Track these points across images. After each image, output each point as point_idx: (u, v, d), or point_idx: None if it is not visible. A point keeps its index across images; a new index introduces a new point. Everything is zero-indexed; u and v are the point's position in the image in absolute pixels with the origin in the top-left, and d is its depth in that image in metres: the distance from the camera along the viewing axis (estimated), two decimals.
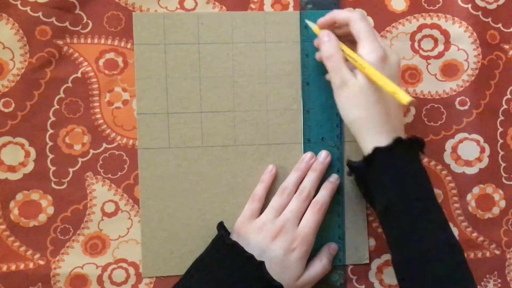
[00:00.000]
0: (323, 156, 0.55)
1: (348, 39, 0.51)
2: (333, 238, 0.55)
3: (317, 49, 0.54)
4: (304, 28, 0.55)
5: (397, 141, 0.47)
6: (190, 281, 0.50)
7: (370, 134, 0.48)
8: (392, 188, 0.47)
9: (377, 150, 0.47)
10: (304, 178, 0.54)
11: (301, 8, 0.56)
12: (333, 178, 0.55)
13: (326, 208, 0.53)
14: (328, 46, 0.50)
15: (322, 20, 0.52)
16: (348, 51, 0.50)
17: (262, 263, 0.48)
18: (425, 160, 0.57)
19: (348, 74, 0.49)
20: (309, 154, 0.55)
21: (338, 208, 0.55)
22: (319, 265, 0.53)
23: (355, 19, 0.49)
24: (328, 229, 0.55)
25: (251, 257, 0.48)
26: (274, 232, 0.51)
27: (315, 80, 0.55)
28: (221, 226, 0.53)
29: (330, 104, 0.55)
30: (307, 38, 0.55)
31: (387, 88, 0.46)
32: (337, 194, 0.55)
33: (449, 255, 0.46)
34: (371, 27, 0.49)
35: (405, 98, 0.45)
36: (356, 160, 0.50)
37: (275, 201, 0.53)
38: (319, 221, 0.52)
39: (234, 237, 0.52)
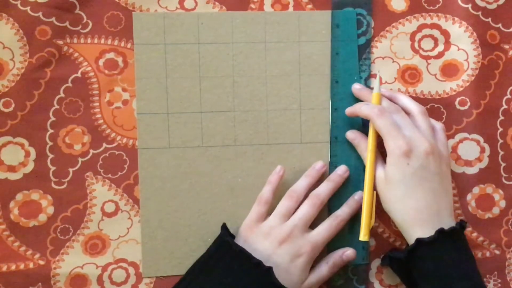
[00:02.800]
0: (342, 170, 0.54)
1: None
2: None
3: (344, 48, 0.56)
4: (336, 27, 0.55)
5: (440, 232, 0.48)
6: (193, 283, 0.50)
7: (409, 226, 0.49)
8: (435, 279, 0.48)
9: (419, 243, 0.48)
10: (313, 184, 0.54)
11: (334, 7, 0.56)
12: (358, 196, 0.54)
13: (344, 224, 0.53)
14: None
15: (347, 111, 0.54)
16: (371, 149, 0.52)
17: (270, 269, 0.47)
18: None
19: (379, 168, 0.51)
20: (320, 162, 0.54)
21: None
22: (325, 268, 0.52)
23: (374, 118, 0.51)
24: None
25: (259, 263, 0.47)
26: (282, 238, 0.50)
27: (344, 79, 0.55)
28: (225, 229, 0.52)
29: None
30: (337, 37, 0.55)
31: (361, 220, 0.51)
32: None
33: None
34: (392, 122, 0.50)
35: (361, 236, 0.51)
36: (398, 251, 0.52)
37: (282, 205, 0.52)
38: (333, 235, 0.52)
39: (240, 240, 0.51)
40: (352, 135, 0.54)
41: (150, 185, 0.54)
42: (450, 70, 0.57)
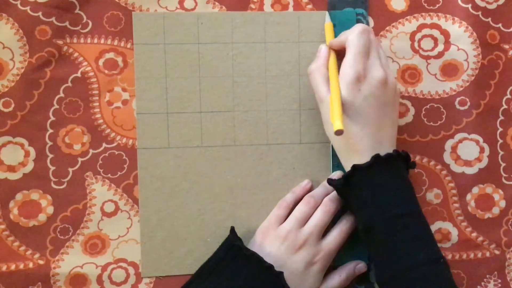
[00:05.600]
0: None
1: None
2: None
3: None
4: (335, 27, 0.55)
5: (376, 158, 0.47)
6: (201, 286, 0.50)
7: (349, 152, 0.49)
8: (371, 206, 0.47)
9: (355, 169, 0.48)
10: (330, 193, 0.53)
11: (329, 8, 0.56)
12: None
13: (353, 227, 0.53)
14: (313, 62, 0.51)
15: (331, 44, 0.53)
16: (332, 69, 0.50)
17: (281, 274, 0.47)
18: (424, 160, 0.57)
19: (325, 92, 0.49)
20: (339, 173, 0.54)
21: None
22: (337, 280, 0.52)
23: (353, 30, 0.49)
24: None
25: (270, 267, 0.48)
26: (298, 245, 0.50)
27: None
28: (233, 233, 0.52)
29: None
30: (334, 37, 0.55)
31: (331, 111, 0.47)
32: None
33: (431, 271, 0.46)
34: (366, 44, 0.49)
35: (336, 126, 0.45)
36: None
37: (299, 211, 0.52)
38: (344, 239, 0.52)
39: (256, 243, 0.52)
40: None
41: (149, 185, 0.54)
42: (450, 70, 0.57)
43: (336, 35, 0.54)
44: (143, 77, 0.54)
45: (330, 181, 0.51)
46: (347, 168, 0.49)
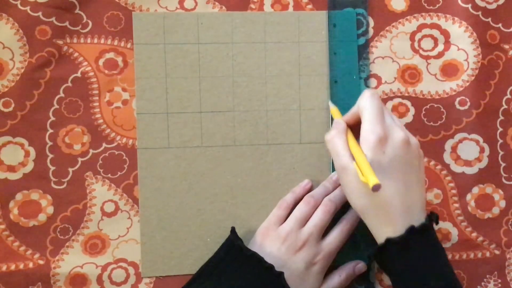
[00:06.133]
0: None
1: None
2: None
3: (344, 48, 0.56)
4: (333, 27, 0.55)
5: (410, 231, 0.45)
6: (201, 286, 0.50)
7: (379, 220, 0.47)
8: (408, 279, 0.46)
9: (388, 242, 0.46)
10: (330, 193, 0.53)
11: (329, 8, 0.56)
12: None
13: (354, 228, 0.53)
14: (330, 132, 0.50)
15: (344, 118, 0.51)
16: (350, 138, 0.49)
17: (281, 274, 0.47)
18: (424, 160, 0.56)
19: (348, 159, 0.47)
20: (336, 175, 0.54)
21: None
22: (337, 280, 0.52)
23: (363, 96, 0.48)
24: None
25: (271, 267, 0.47)
26: (298, 245, 0.50)
27: (343, 79, 0.56)
28: (234, 233, 0.52)
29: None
30: (337, 37, 0.56)
31: (359, 168, 0.45)
32: None
33: None
34: (379, 106, 0.48)
35: (372, 181, 0.43)
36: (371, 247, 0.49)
37: (299, 211, 0.52)
38: (345, 239, 0.52)
39: (256, 243, 0.52)
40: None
41: (149, 185, 0.54)
42: (450, 70, 0.57)
43: (336, 35, 0.54)
44: (143, 77, 0.54)
45: (363, 252, 0.52)
46: (378, 237, 0.47)
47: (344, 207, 0.53)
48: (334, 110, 0.54)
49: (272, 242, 0.51)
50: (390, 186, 0.46)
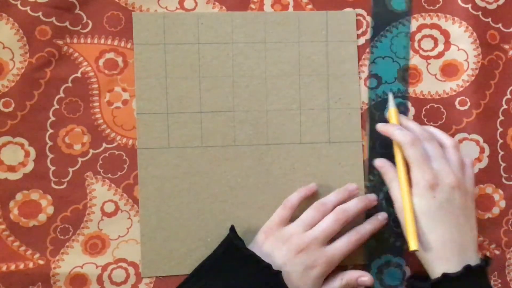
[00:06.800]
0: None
1: None
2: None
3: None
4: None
5: (467, 269, 0.47)
6: (198, 284, 0.50)
7: (433, 257, 0.48)
8: None
9: (445, 277, 0.47)
10: (342, 202, 0.53)
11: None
12: (382, 217, 0.53)
13: (363, 242, 0.52)
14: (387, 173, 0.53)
15: (379, 127, 0.54)
16: (401, 174, 0.51)
17: (279, 273, 0.47)
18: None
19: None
20: (353, 185, 0.54)
21: None
22: (338, 285, 0.51)
23: (405, 145, 0.50)
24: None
25: (268, 266, 0.47)
26: (300, 248, 0.50)
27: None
28: (233, 232, 0.52)
29: None
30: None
31: (405, 228, 0.49)
32: None
33: None
34: (422, 153, 0.50)
35: (411, 246, 0.48)
36: (418, 278, 0.51)
37: (307, 215, 0.52)
38: (351, 250, 0.51)
39: (257, 243, 0.51)
40: (379, 163, 0.54)
41: (149, 185, 0.54)
42: (450, 70, 0.57)
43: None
44: (143, 77, 0.54)
45: (412, 284, 0.52)
46: (432, 272, 0.49)
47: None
48: (393, 110, 0.54)
49: (274, 242, 0.51)
50: (440, 231, 0.48)
